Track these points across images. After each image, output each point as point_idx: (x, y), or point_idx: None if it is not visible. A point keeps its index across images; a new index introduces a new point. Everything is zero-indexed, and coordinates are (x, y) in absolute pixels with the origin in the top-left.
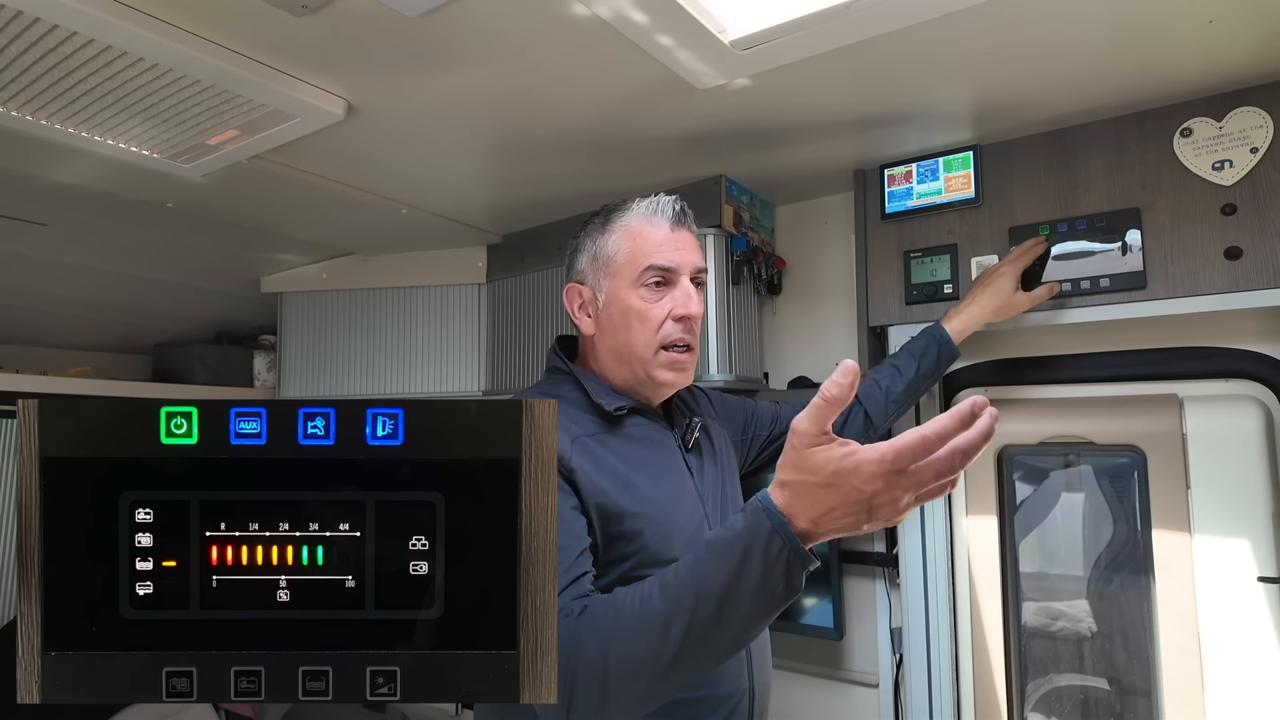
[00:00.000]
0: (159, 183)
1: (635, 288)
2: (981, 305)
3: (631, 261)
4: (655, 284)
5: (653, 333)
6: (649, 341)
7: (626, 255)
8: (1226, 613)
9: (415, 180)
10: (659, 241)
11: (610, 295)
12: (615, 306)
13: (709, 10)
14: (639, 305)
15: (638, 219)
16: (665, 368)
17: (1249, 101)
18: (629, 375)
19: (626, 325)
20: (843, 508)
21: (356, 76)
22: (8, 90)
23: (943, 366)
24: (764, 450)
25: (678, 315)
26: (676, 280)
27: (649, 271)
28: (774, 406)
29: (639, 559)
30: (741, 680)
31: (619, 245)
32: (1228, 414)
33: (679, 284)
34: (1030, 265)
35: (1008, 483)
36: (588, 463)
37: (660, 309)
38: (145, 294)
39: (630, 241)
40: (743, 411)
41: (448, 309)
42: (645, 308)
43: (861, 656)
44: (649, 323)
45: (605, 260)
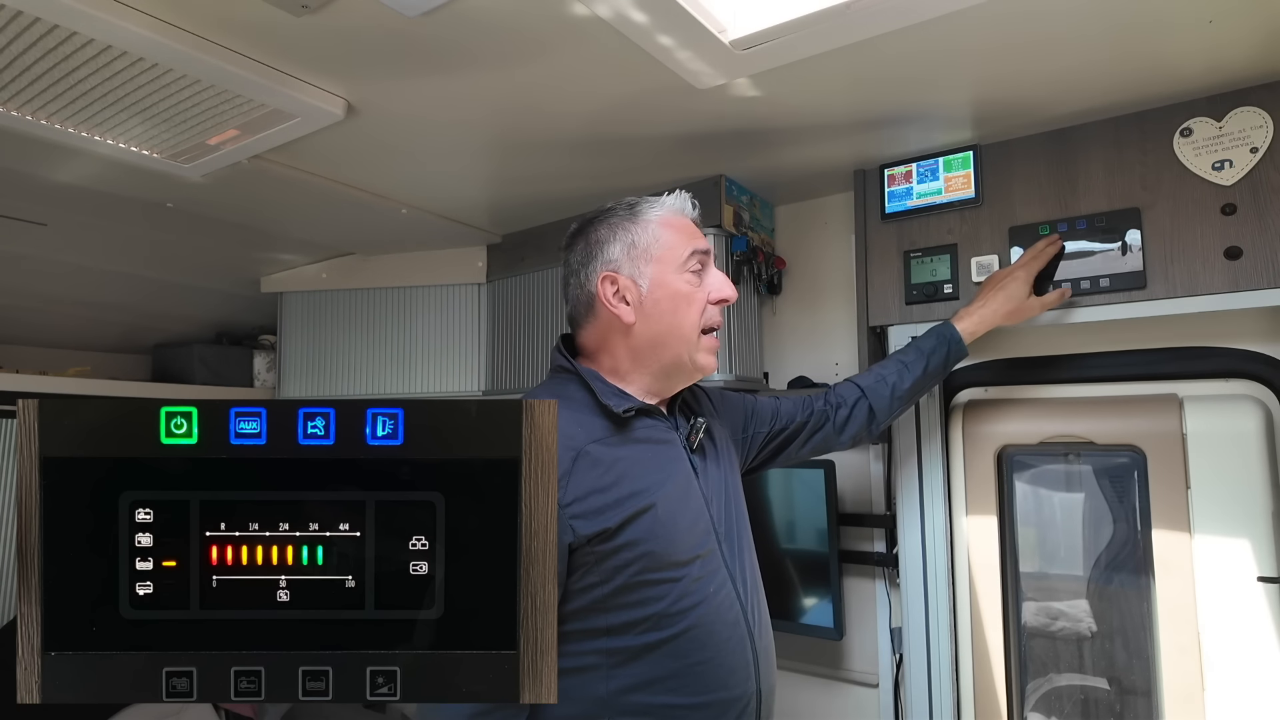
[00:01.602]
0: (159, 183)
1: (681, 272)
2: (993, 308)
3: (675, 248)
4: (698, 270)
5: (699, 314)
6: (695, 324)
7: (669, 243)
8: (1226, 613)
9: (415, 180)
10: (693, 230)
11: (655, 281)
12: (662, 291)
13: (709, 10)
14: (686, 289)
15: (669, 210)
16: (708, 351)
17: (1249, 101)
18: (665, 363)
19: (674, 309)
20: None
21: (356, 76)
22: (8, 90)
23: (949, 366)
24: (765, 448)
25: (715, 299)
26: (709, 266)
27: (694, 257)
28: (774, 403)
29: (643, 564)
30: (749, 683)
31: (658, 234)
32: (1228, 414)
33: (711, 270)
34: (1044, 267)
35: (1008, 483)
36: (589, 479)
37: (702, 292)
38: (145, 294)
39: (670, 230)
40: (743, 409)
41: (448, 309)
42: (692, 291)
43: (861, 656)
44: (695, 305)
45: (644, 248)
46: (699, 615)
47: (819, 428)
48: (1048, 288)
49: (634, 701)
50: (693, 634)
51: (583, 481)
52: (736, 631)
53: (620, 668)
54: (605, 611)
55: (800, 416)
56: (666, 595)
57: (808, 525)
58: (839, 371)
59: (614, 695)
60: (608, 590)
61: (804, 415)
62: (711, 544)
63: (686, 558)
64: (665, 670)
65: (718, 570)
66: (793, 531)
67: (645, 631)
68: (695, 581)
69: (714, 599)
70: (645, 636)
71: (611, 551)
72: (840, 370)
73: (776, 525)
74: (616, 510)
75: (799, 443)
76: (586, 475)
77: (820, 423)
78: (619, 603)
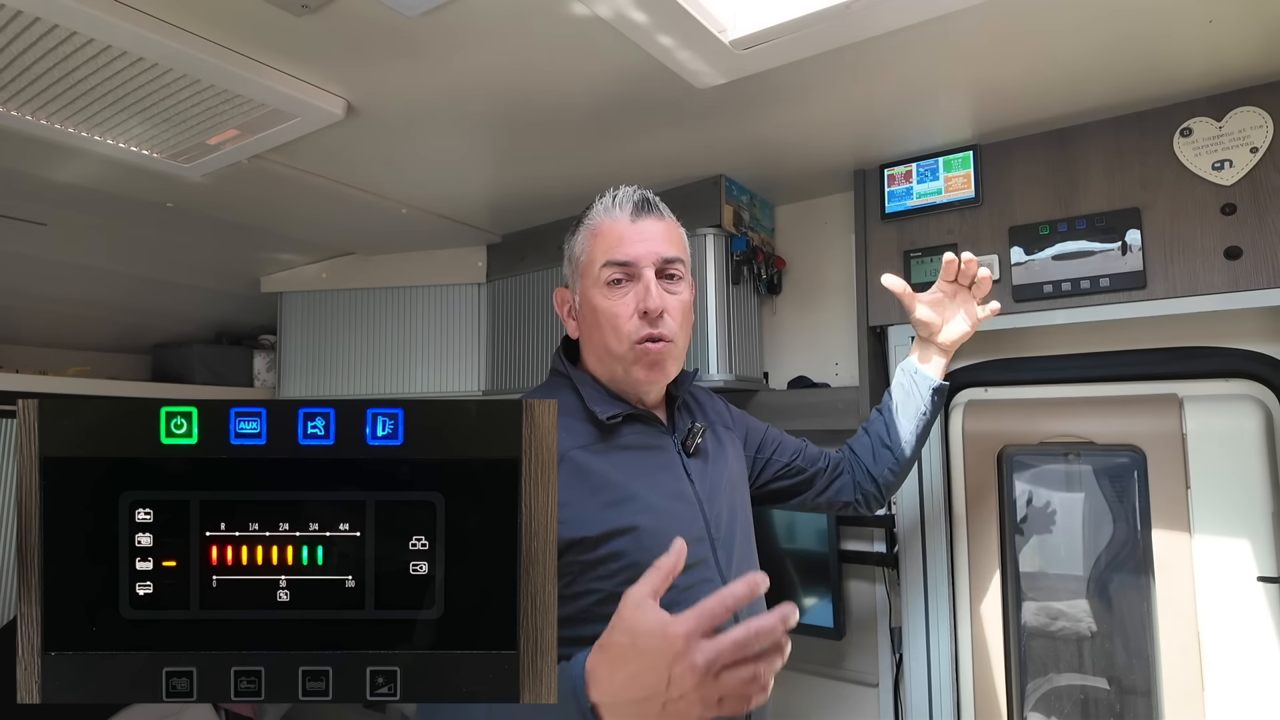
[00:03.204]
0: (159, 182)
1: (598, 286)
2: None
3: (591, 260)
4: (615, 281)
5: (622, 331)
6: (620, 340)
7: (589, 255)
8: (1226, 612)
9: (415, 180)
10: (619, 236)
11: (582, 297)
12: (586, 308)
13: (709, 10)
14: (604, 304)
15: (599, 215)
16: (640, 364)
17: (1249, 101)
18: (615, 375)
19: (598, 325)
20: (643, 672)
21: (356, 76)
22: (8, 90)
23: (924, 390)
24: (762, 471)
25: (640, 311)
26: (639, 274)
27: (606, 269)
28: (780, 434)
29: (629, 575)
30: None
31: (584, 245)
32: (1228, 414)
33: (641, 277)
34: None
35: (1008, 482)
36: (570, 486)
37: (624, 306)
38: (145, 294)
39: (591, 240)
40: (746, 425)
41: (448, 309)
42: (609, 305)
43: (861, 656)
44: (616, 320)
45: (575, 261)
46: None
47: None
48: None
49: None
50: None
51: (566, 488)
52: None
53: None
54: (594, 621)
55: (803, 461)
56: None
57: (808, 525)
58: (839, 371)
59: None
60: (593, 600)
61: (810, 461)
62: (705, 553)
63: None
64: None
65: (711, 580)
66: (793, 531)
67: None
68: (684, 591)
69: None
70: None
71: (595, 562)
72: (840, 370)
73: (777, 525)
74: (597, 519)
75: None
76: (569, 481)
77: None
78: (606, 613)
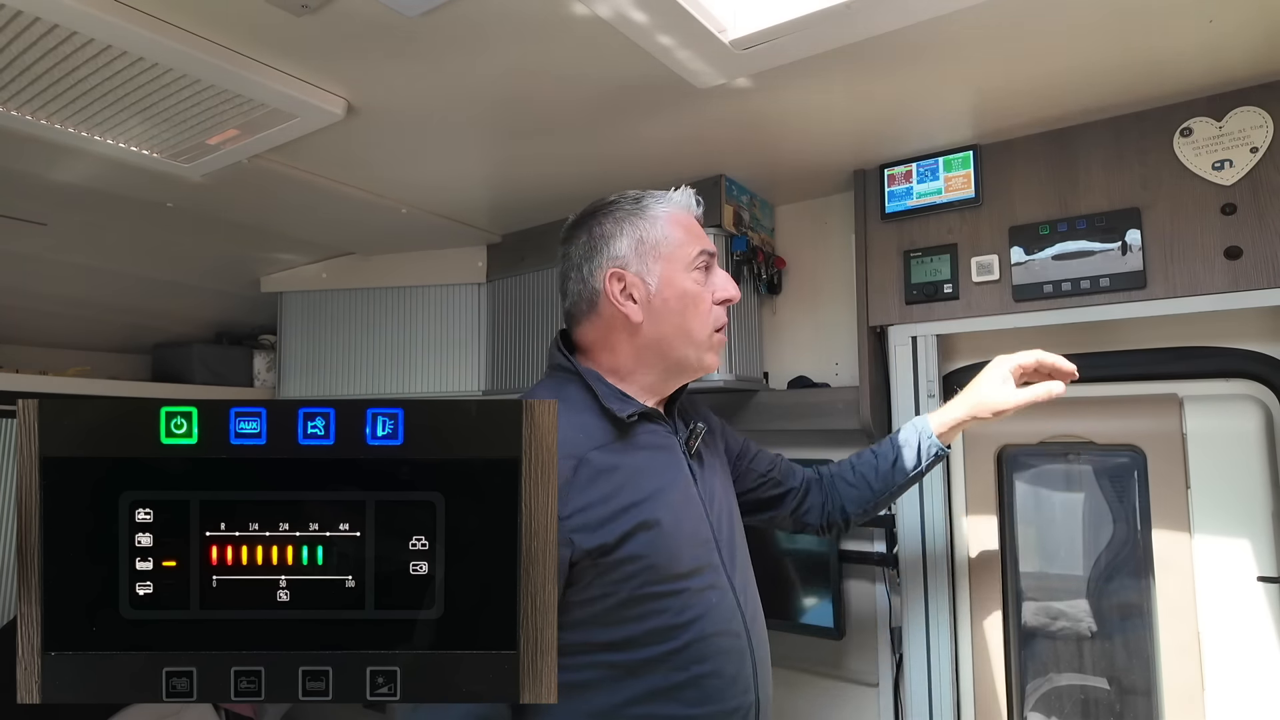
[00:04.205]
0: (159, 182)
1: (689, 271)
2: (962, 396)
3: (684, 246)
4: (704, 269)
5: (707, 315)
6: (704, 324)
7: (678, 241)
8: (1226, 612)
9: (415, 180)
10: (699, 229)
11: (665, 280)
12: (670, 291)
13: (709, 10)
14: (694, 289)
15: (678, 208)
16: (713, 351)
17: (1249, 101)
18: (671, 363)
19: (683, 309)
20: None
21: (356, 76)
22: (8, 90)
23: (923, 456)
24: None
25: (720, 299)
26: (714, 265)
27: (702, 256)
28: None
29: (646, 578)
30: (749, 694)
31: (668, 231)
32: (1228, 414)
33: (715, 269)
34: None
35: (1008, 482)
36: (590, 490)
37: (708, 292)
38: (145, 294)
39: (679, 228)
40: (725, 433)
41: (448, 309)
42: (700, 291)
43: (861, 656)
44: (703, 304)
45: (653, 245)
46: (701, 628)
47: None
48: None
49: (635, 714)
50: (695, 646)
51: (584, 493)
52: (737, 643)
53: (621, 681)
54: (606, 625)
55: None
56: (669, 608)
57: None
58: (839, 371)
59: (616, 709)
60: (609, 604)
61: (784, 475)
62: (712, 554)
63: (688, 570)
64: (668, 683)
65: (718, 581)
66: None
67: (647, 645)
68: (697, 594)
69: (715, 610)
70: (647, 650)
71: (613, 565)
72: (840, 370)
73: None
74: (617, 523)
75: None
76: (588, 486)
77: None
78: (621, 616)
